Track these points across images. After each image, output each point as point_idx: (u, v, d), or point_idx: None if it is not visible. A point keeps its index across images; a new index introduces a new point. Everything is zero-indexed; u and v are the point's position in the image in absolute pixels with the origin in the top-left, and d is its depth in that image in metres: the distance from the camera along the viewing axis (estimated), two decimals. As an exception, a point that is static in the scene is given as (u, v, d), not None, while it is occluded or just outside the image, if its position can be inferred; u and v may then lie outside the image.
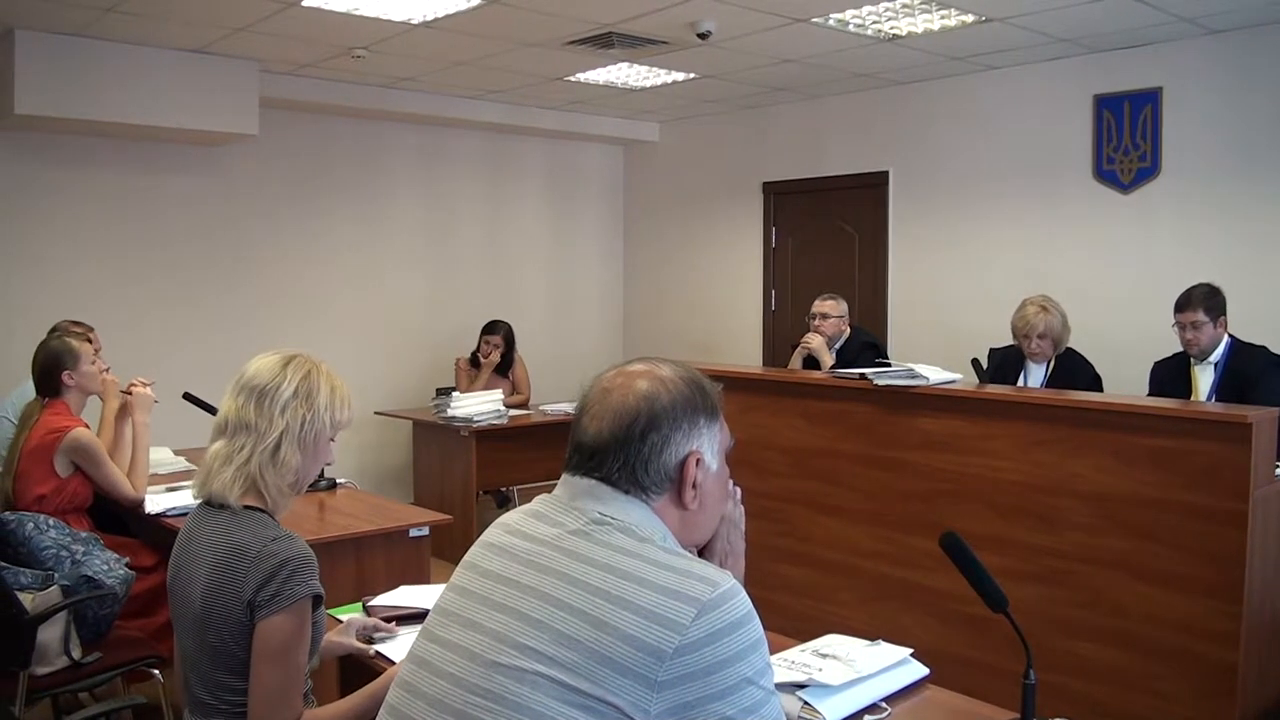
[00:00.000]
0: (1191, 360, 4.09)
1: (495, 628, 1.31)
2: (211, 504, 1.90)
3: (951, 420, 3.58)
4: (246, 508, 1.88)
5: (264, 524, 1.86)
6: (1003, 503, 3.43)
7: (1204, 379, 4.04)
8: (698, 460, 1.41)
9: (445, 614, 1.40)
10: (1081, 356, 4.46)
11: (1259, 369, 3.90)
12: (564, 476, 1.44)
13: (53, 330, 4.19)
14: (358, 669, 2.21)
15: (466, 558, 1.46)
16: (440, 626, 1.40)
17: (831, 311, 5.07)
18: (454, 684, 1.31)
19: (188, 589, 1.86)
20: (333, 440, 1.99)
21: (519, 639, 1.28)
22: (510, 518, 1.47)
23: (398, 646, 2.17)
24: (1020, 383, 4.48)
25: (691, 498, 1.41)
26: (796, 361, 5.11)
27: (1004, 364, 4.54)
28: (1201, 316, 3.99)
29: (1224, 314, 4.03)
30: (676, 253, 7.72)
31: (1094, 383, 4.38)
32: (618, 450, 1.38)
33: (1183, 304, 4.07)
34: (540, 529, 1.39)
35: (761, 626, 1.28)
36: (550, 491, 1.47)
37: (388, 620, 2.32)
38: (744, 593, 1.29)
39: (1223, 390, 3.97)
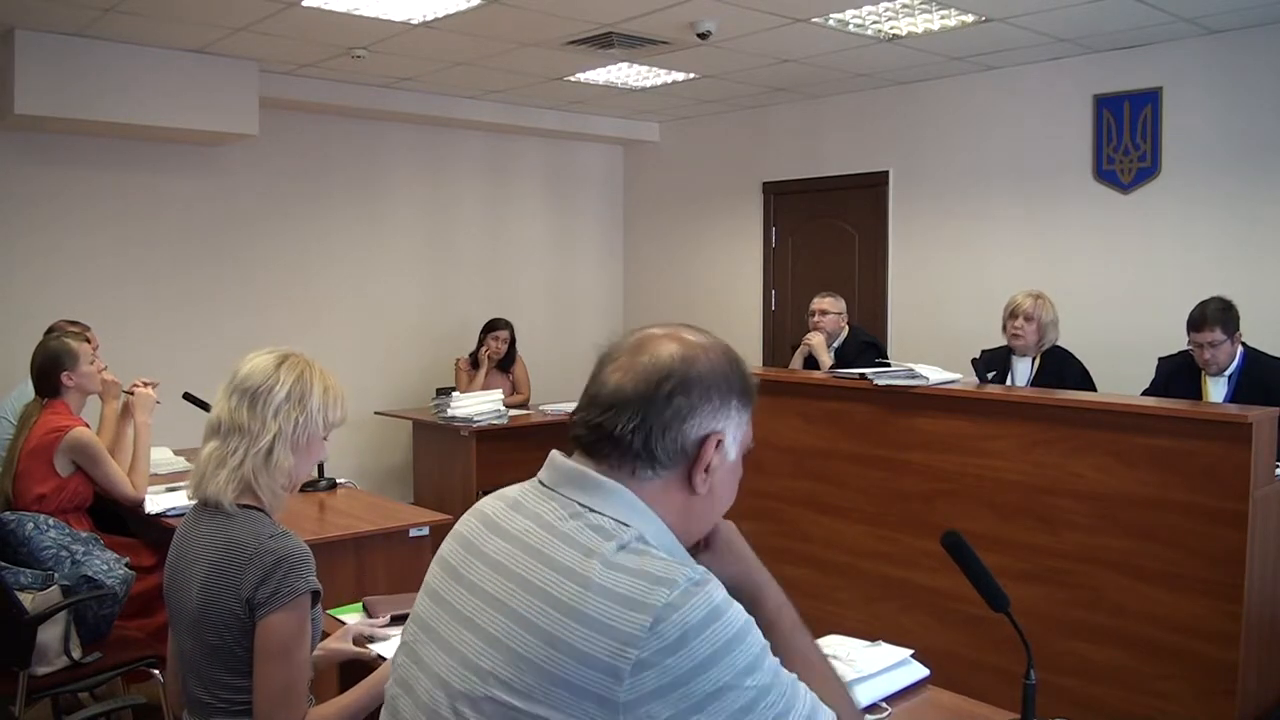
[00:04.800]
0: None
1: (461, 649, 1.24)
2: (207, 505, 1.90)
3: (951, 420, 3.58)
4: (242, 507, 1.87)
5: (260, 522, 1.86)
6: (1003, 503, 3.43)
7: (1216, 389, 3.92)
8: (719, 442, 1.27)
9: (422, 626, 1.34)
10: (1070, 353, 4.46)
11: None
12: (551, 455, 1.31)
13: (50, 330, 4.19)
14: (358, 668, 2.21)
15: (440, 552, 1.38)
16: (418, 642, 1.33)
17: (830, 308, 5.08)
18: (427, 715, 1.26)
19: (185, 589, 1.86)
20: (325, 439, 1.99)
21: (479, 662, 1.20)
22: (485, 505, 1.37)
23: (394, 647, 2.17)
24: (1008, 380, 4.49)
25: (702, 481, 1.27)
26: (797, 361, 5.12)
27: (991, 364, 4.56)
28: (1219, 335, 3.82)
29: (1239, 328, 3.89)
30: (676, 253, 7.72)
31: (1083, 378, 4.37)
32: (639, 406, 1.23)
33: (1198, 323, 3.87)
34: (515, 523, 1.29)
35: (739, 618, 1.15)
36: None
37: (390, 622, 2.32)
38: (710, 585, 1.16)
39: (1239, 403, 3.79)
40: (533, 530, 1.26)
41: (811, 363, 5.01)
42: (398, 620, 2.33)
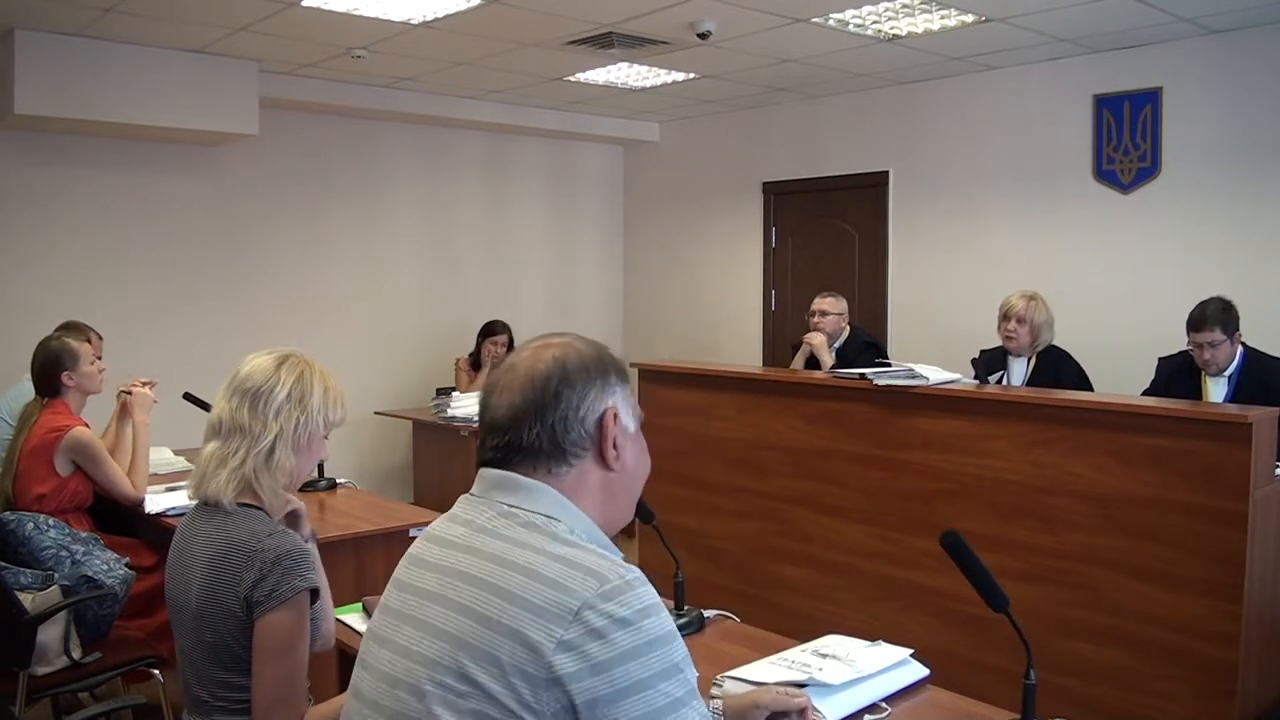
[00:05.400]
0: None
1: (403, 643, 1.29)
2: (207, 504, 1.91)
3: (951, 420, 3.58)
4: (242, 505, 1.89)
5: (259, 520, 1.87)
6: (1003, 503, 3.44)
7: (1216, 389, 3.91)
8: (615, 415, 1.37)
9: (371, 636, 1.39)
10: (1066, 353, 4.47)
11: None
12: (480, 472, 1.40)
13: (65, 327, 4.18)
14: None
15: (393, 574, 1.44)
16: (368, 652, 1.38)
17: (831, 309, 5.07)
18: (375, 711, 1.30)
19: (184, 588, 1.87)
20: (325, 438, 2.00)
21: (420, 650, 1.26)
22: (432, 526, 1.45)
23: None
24: (1004, 380, 4.50)
25: (614, 457, 1.37)
26: (799, 361, 5.11)
27: (990, 365, 4.56)
28: (1219, 335, 3.82)
29: (1239, 328, 3.89)
30: (676, 253, 7.72)
31: (1080, 378, 4.38)
32: (535, 414, 1.33)
33: (1198, 323, 3.86)
34: (452, 531, 1.36)
35: (667, 625, 1.21)
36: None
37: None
38: (644, 588, 1.22)
39: (1239, 403, 3.78)
40: (467, 534, 1.33)
41: (813, 363, 5.01)
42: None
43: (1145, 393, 4.11)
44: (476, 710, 1.17)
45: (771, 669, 2.00)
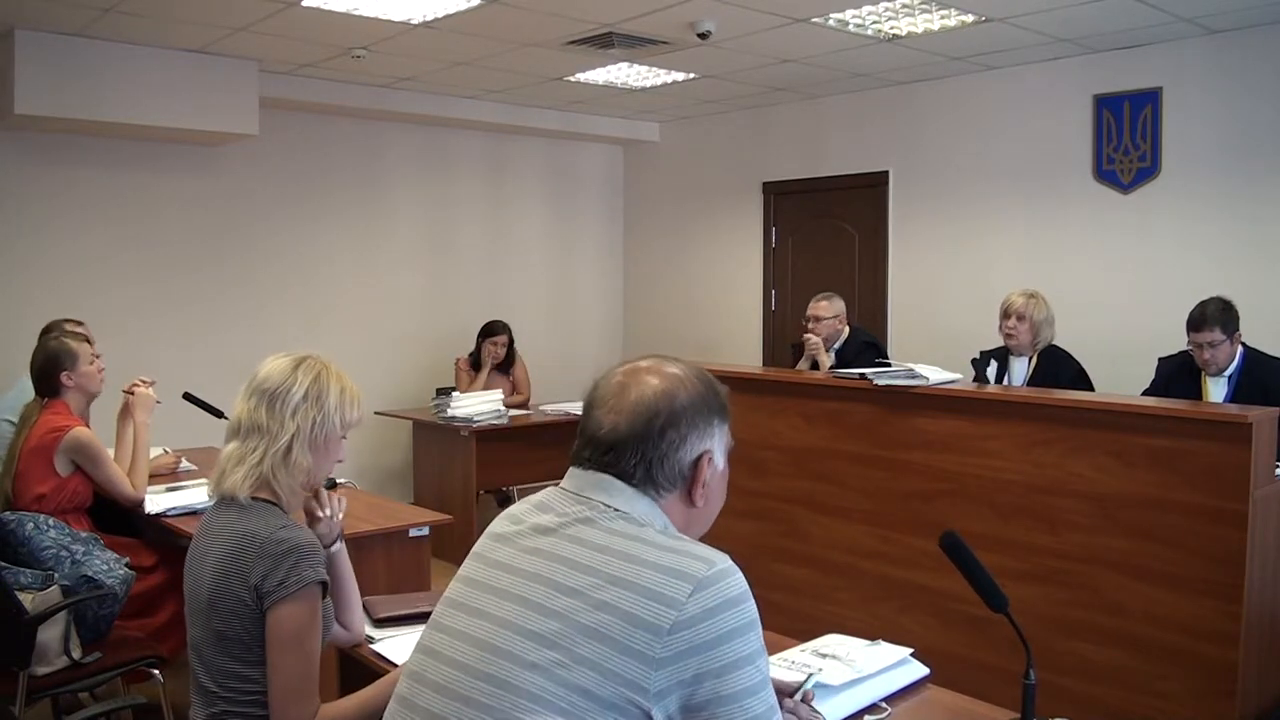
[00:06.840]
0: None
1: (499, 614, 1.34)
2: (224, 499, 1.95)
3: (951, 420, 3.58)
4: (258, 500, 1.92)
5: (273, 514, 1.91)
6: (1003, 503, 3.43)
7: (1216, 389, 3.91)
8: (710, 459, 1.44)
9: (452, 604, 1.44)
10: (1065, 352, 4.47)
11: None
12: (571, 470, 1.45)
13: (48, 329, 4.16)
14: (358, 669, 2.21)
15: (474, 549, 1.49)
16: (447, 616, 1.42)
17: (824, 313, 4.99)
18: (461, 671, 1.34)
19: (198, 578, 1.90)
20: (343, 439, 2.04)
21: (522, 624, 1.31)
22: (515, 509, 1.49)
23: (398, 646, 2.18)
24: (1005, 380, 4.50)
25: (700, 496, 1.44)
26: (804, 365, 5.09)
27: (990, 364, 4.57)
28: (1219, 335, 3.81)
29: (1239, 328, 3.88)
30: (676, 253, 7.72)
31: (1078, 377, 4.38)
32: (636, 446, 1.39)
33: (1198, 323, 3.86)
34: (545, 519, 1.41)
35: (755, 609, 1.30)
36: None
37: (389, 621, 2.33)
38: (740, 573, 1.31)
39: (1239, 403, 3.77)
40: (568, 522, 1.39)
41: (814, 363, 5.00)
42: (394, 621, 2.33)
43: (1145, 393, 4.11)
44: (579, 685, 1.23)
45: (771, 669, 2.00)
